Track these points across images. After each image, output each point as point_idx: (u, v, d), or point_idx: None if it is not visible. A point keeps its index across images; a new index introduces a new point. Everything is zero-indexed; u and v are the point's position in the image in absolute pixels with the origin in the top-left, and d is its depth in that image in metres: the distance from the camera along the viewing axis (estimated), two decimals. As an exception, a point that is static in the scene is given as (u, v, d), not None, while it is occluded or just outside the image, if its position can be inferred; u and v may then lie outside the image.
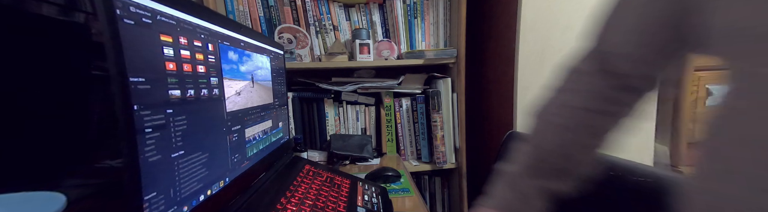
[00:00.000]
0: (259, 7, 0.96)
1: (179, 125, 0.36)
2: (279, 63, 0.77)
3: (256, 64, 0.61)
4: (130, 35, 0.29)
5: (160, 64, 0.33)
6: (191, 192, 0.39)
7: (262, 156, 0.63)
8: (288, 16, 0.97)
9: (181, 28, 0.37)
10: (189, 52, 0.38)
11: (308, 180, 0.66)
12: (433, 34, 1.04)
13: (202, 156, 0.41)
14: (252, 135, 0.59)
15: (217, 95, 0.45)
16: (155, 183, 0.32)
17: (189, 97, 0.38)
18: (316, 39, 1.00)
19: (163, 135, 0.33)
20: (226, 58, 0.48)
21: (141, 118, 0.30)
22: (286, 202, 0.52)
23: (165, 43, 0.34)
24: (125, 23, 0.29)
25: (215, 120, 0.45)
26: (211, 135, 0.44)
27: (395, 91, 1.04)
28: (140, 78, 0.30)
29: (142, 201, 0.31)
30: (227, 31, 0.49)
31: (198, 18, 0.41)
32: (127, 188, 0.29)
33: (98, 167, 0.28)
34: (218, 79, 0.45)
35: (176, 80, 0.35)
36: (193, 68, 0.39)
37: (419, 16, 1.02)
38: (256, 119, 0.61)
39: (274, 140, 0.72)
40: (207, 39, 0.43)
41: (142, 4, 0.31)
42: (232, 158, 0.50)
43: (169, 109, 0.34)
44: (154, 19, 0.33)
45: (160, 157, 0.33)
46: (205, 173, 0.42)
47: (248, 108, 0.57)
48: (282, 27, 0.95)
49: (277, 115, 0.75)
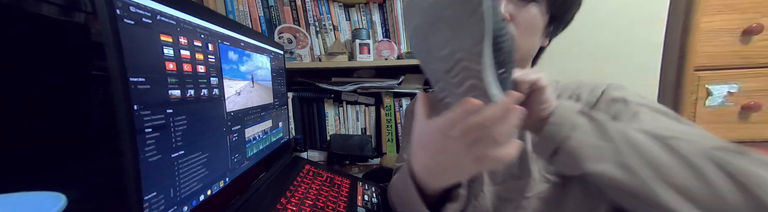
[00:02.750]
0: (259, 7, 0.96)
1: (179, 125, 0.36)
2: (279, 63, 0.77)
3: (256, 63, 0.61)
4: (130, 35, 0.29)
5: (160, 64, 0.33)
6: (191, 192, 0.39)
7: (262, 156, 0.63)
8: (288, 16, 0.97)
9: (181, 28, 0.37)
10: (189, 51, 0.38)
11: (308, 180, 0.66)
12: (433, 34, 1.04)
13: (202, 156, 0.41)
14: (252, 135, 0.59)
15: (217, 95, 0.45)
16: (155, 183, 0.32)
17: (189, 97, 0.38)
18: (316, 39, 1.00)
19: (163, 135, 0.33)
20: (226, 58, 0.48)
21: (141, 118, 0.30)
22: (286, 202, 0.52)
23: (165, 43, 0.34)
24: (125, 23, 0.29)
25: (215, 120, 0.45)
26: (211, 135, 0.44)
27: (395, 91, 1.04)
28: (140, 78, 0.30)
29: (142, 201, 0.31)
30: (227, 31, 0.49)
31: (198, 18, 0.41)
32: (127, 188, 0.29)
33: (98, 167, 0.28)
34: (218, 79, 0.45)
35: (176, 80, 0.35)
36: (193, 68, 0.39)
37: (419, 16, 1.02)
38: (256, 119, 0.61)
39: (274, 140, 0.72)
40: (207, 39, 0.43)
41: (142, 4, 0.31)
42: (232, 158, 0.50)
43: (169, 109, 0.34)
44: (154, 19, 0.33)
45: (160, 157, 0.33)
46: (205, 173, 0.42)
47: (248, 108, 0.57)
48: (282, 27, 0.95)
49: (277, 115, 0.75)
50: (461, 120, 0.28)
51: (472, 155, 0.29)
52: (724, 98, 0.91)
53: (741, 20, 0.87)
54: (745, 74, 0.90)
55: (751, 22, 0.86)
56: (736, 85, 0.90)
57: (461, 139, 0.29)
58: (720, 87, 0.91)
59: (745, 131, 0.92)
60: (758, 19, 0.86)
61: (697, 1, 0.85)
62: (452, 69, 0.28)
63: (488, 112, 0.27)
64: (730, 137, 0.92)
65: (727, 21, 0.87)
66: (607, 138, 0.33)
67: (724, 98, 0.91)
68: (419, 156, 0.36)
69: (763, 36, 0.87)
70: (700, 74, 0.91)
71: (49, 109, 0.24)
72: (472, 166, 0.31)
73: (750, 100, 0.89)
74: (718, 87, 0.91)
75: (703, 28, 0.87)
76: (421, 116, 0.33)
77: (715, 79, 0.91)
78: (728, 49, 0.89)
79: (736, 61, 0.89)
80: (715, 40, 0.88)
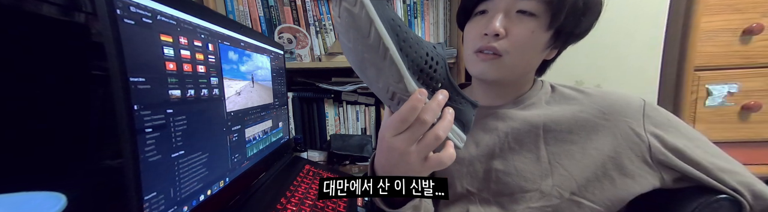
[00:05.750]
0: (259, 7, 0.96)
1: (179, 125, 0.36)
2: (279, 63, 0.77)
3: (256, 64, 0.61)
4: (131, 35, 0.29)
5: (161, 63, 0.33)
6: (191, 192, 0.39)
7: (262, 156, 0.63)
8: (288, 16, 0.97)
9: (181, 28, 0.37)
10: (189, 52, 0.38)
11: (308, 180, 0.66)
12: (433, 34, 1.04)
13: (202, 156, 0.41)
14: (252, 135, 0.59)
15: (217, 95, 0.45)
16: (155, 183, 0.32)
17: (189, 97, 0.38)
18: (316, 39, 1.00)
19: (163, 135, 0.33)
20: (226, 58, 0.48)
21: (141, 118, 0.30)
22: (286, 202, 0.52)
23: (165, 43, 0.34)
24: (125, 23, 0.29)
25: (215, 120, 0.45)
26: (211, 135, 0.44)
27: (395, 91, 1.04)
28: (140, 78, 0.30)
29: (142, 201, 0.31)
30: (227, 31, 0.49)
31: (198, 18, 0.41)
32: (127, 188, 0.29)
33: (98, 167, 0.28)
34: (218, 79, 0.45)
35: (176, 80, 0.35)
36: (193, 68, 0.39)
37: (419, 16, 1.02)
38: (256, 119, 0.61)
39: (274, 140, 0.72)
40: (207, 39, 0.43)
41: (142, 4, 0.31)
42: (232, 158, 0.50)
43: (169, 109, 0.34)
44: (154, 19, 0.33)
45: (160, 157, 0.33)
46: (205, 173, 0.42)
47: (248, 108, 0.57)
48: (282, 27, 0.95)
49: (277, 115, 0.75)
50: (408, 116, 0.31)
51: (415, 154, 0.33)
52: (724, 98, 0.91)
53: (741, 20, 0.87)
54: (745, 74, 0.90)
55: (751, 22, 0.86)
56: (736, 85, 0.90)
57: (406, 139, 0.32)
58: (720, 87, 0.91)
59: (745, 131, 0.92)
60: (758, 19, 0.86)
61: (697, 1, 0.85)
62: (393, 97, 0.33)
63: (426, 106, 0.31)
64: (730, 137, 0.92)
65: (727, 21, 0.87)
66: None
67: (724, 98, 0.91)
68: (378, 157, 0.39)
69: (763, 36, 0.87)
70: (700, 74, 0.91)
71: (49, 109, 0.24)
72: (419, 166, 0.34)
73: (750, 100, 0.89)
74: (718, 87, 0.91)
75: (703, 28, 0.87)
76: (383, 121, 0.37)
77: (715, 79, 0.91)
78: (728, 49, 0.89)
79: (736, 61, 0.89)
80: (715, 40, 0.88)
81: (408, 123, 0.32)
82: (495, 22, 0.44)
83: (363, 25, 0.27)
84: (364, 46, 0.29)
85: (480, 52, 0.46)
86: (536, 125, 0.50)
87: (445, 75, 0.34)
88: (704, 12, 0.86)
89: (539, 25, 0.44)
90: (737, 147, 0.89)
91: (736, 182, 0.44)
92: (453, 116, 0.34)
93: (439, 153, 0.35)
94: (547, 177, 0.47)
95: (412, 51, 0.31)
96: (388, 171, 0.37)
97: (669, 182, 0.47)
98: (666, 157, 0.46)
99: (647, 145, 0.46)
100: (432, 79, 0.33)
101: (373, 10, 0.27)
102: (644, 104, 0.49)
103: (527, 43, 0.45)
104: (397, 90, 0.32)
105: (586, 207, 0.47)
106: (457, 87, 0.36)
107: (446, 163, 0.35)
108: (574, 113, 0.49)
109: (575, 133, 0.48)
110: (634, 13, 0.89)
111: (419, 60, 0.31)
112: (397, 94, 0.32)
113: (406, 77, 0.31)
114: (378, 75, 0.31)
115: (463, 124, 0.38)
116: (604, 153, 0.47)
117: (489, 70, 0.47)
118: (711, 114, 0.92)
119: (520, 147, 0.50)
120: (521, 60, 0.46)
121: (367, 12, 0.27)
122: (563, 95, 0.53)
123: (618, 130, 0.47)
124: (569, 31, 0.46)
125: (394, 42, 0.29)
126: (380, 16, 0.27)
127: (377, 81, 0.32)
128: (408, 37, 0.30)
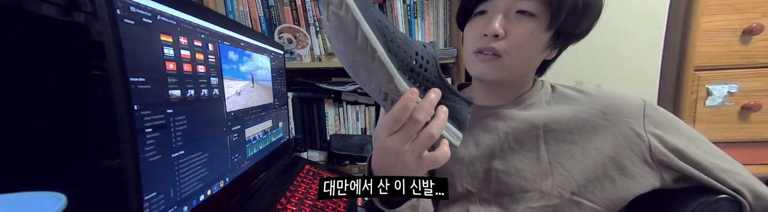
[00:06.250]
0: (259, 7, 0.96)
1: (179, 125, 0.36)
2: (279, 63, 0.77)
3: (256, 64, 0.61)
4: (131, 35, 0.29)
5: (161, 63, 0.33)
6: (191, 192, 0.39)
7: (262, 156, 0.63)
8: (288, 16, 0.97)
9: (181, 28, 0.37)
10: (189, 52, 0.38)
11: (308, 180, 0.66)
12: (433, 34, 1.04)
13: (202, 156, 0.41)
14: (252, 135, 0.59)
15: (217, 95, 0.45)
16: (155, 183, 0.32)
17: (189, 97, 0.38)
18: (316, 39, 1.00)
19: (163, 135, 0.33)
20: (226, 58, 0.48)
21: (141, 118, 0.30)
22: (286, 202, 0.52)
23: (165, 43, 0.34)
24: (125, 23, 0.29)
25: (215, 120, 0.45)
26: (211, 135, 0.44)
27: (395, 91, 1.04)
28: (140, 78, 0.30)
29: (142, 201, 0.31)
30: (227, 31, 0.49)
31: (198, 18, 0.41)
32: (127, 188, 0.29)
33: (98, 167, 0.28)
34: (218, 79, 0.45)
35: (176, 80, 0.35)
36: (194, 68, 0.39)
37: (419, 16, 1.02)
38: (256, 119, 0.61)
39: (274, 140, 0.72)
40: (207, 39, 0.43)
41: (142, 4, 0.31)
42: (232, 158, 0.50)
43: (169, 109, 0.34)
44: (154, 19, 0.33)
45: (160, 157, 0.33)
46: (205, 173, 0.42)
47: (248, 108, 0.57)
48: (282, 27, 0.95)
49: (277, 115, 0.75)
50: (400, 115, 0.31)
51: (410, 153, 0.33)
52: (724, 98, 0.91)
53: (741, 20, 0.87)
54: (745, 74, 0.90)
55: (751, 22, 0.86)
56: (736, 85, 0.90)
57: (400, 139, 0.32)
58: (720, 87, 0.91)
59: (745, 131, 0.92)
60: (758, 19, 0.86)
61: (697, 1, 0.85)
62: (386, 98, 0.33)
63: (418, 105, 0.32)
64: (730, 137, 0.92)
65: (727, 21, 0.87)
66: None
67: (724, 98, 0.91)
68: (374, 156, 0.39)
69: (763, 36, 0.87)
70: (700, 74, 0.91)
71: (49, 109, 0.24)
72: (414, 165, 0.34)
73: (750, 100, 0.89)
74: (718, 87, 0.91)
75: (703, 28, 0.87)
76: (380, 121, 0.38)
77: (715, 79, 0.91)
78: (728, 49, 0.89)
79: (736, 61, 0.89)
80: (715, 40, 0.88)
81: (401, 122, 0.32)
82: (494, 23, 0.43)
83: (350, 27, 0.28)
84: (353, 49, 0.29)
85: (480, 52, 0.46)
86: (536, 125, 0.50)
87: (436, 73, 0.34)
88: (704, 12, 0.86)
89: (539, 25, 0.44)
90: (737, 147, 0.89)
91: (737, 182, 0.44)
92: (446, 114, 0.34)
93: (433, 152, 0.35)
94: (547, 177, 0.48)
95: (401, 51, 0.31)
96: (384, 171, 0.37)
97: (669, 182, 0.47)
98: (666, 157, 0.46)
99: (647, 145, 0.46)
100: (423, 78, 0.34)
101: (359, 12, 0.27)
102: (644, 104, 0.49)
103: (527, 43, 0.44)
104: (388, 90, 0.32)
105: (586, 207, 0.47)
106: (450, 85, 0.36)
107: (441, 162, 0.35)
108: (574, 113, 0.49)
109: (575, 133, 0.48)
110: (634, 13, 0.89)
111: (409, 59, 0.32)
112: (390, 94, 0.32)
113: (396, 77, 0.31)
114: (369, 76, 0.31)
115: (458, 122, 0.38)
116: (605, 153, 0.47)
117: (489, 70, 0.47)
118: (711, 114, 0.92)
119: (520, 147, 0.50)
120: (521, 60, 0.46)
121: (352, 14, 0.27)
122: (563, 95, 0.53)
123: (618, 130, 0.48)
124: (569, 32, 0.46)
125: (382, 43, 0.29)
126: (366, 17, 0.28)
127: (369, 82, 0.32)
128: (396, 38, 0.30)
